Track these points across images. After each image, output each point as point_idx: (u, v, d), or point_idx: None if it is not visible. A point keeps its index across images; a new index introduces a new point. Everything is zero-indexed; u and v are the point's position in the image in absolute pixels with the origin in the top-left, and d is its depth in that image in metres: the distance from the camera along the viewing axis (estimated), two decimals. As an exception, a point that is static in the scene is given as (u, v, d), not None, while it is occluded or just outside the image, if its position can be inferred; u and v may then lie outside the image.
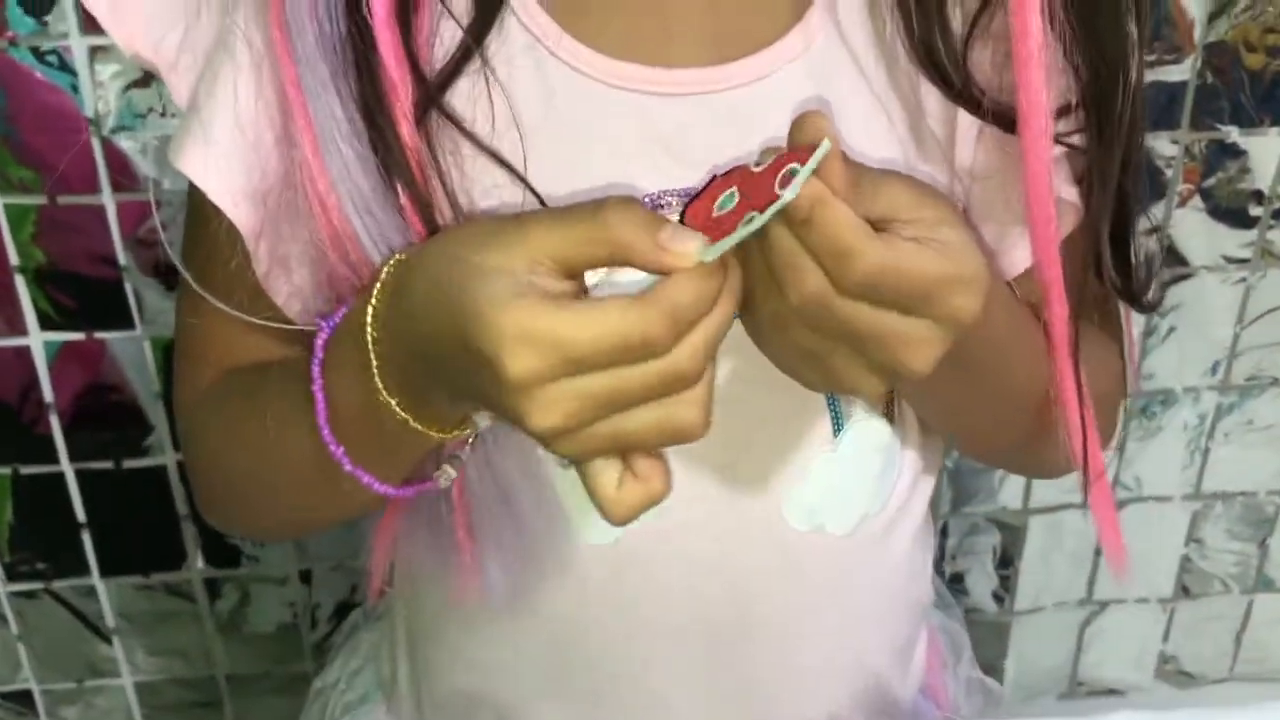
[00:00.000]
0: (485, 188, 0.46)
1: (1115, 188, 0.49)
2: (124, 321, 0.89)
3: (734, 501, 0.52)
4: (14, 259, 0.86)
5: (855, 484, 0.53)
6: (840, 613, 0.57)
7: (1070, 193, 0.49)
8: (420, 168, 0.44)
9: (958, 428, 0.58)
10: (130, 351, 0.90)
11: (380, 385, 0.42)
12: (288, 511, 0.54)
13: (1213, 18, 0.85)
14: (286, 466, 0.49)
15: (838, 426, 0.51)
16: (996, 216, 0.50)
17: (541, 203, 0.45)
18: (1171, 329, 0.98)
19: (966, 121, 0.49)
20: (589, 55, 0.47)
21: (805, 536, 0.53)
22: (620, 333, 0.36)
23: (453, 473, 0.47)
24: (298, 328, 0.49)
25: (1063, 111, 0.47)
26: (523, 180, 0.45)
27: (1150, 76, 0.87)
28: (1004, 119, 0.47)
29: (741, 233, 0.36)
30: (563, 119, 0.47)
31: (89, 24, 0.78)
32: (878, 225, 0.39)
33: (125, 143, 0.82)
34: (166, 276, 0.87)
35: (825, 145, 0.36)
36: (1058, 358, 0.49)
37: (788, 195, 0.36)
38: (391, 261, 0.42)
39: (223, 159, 0.46)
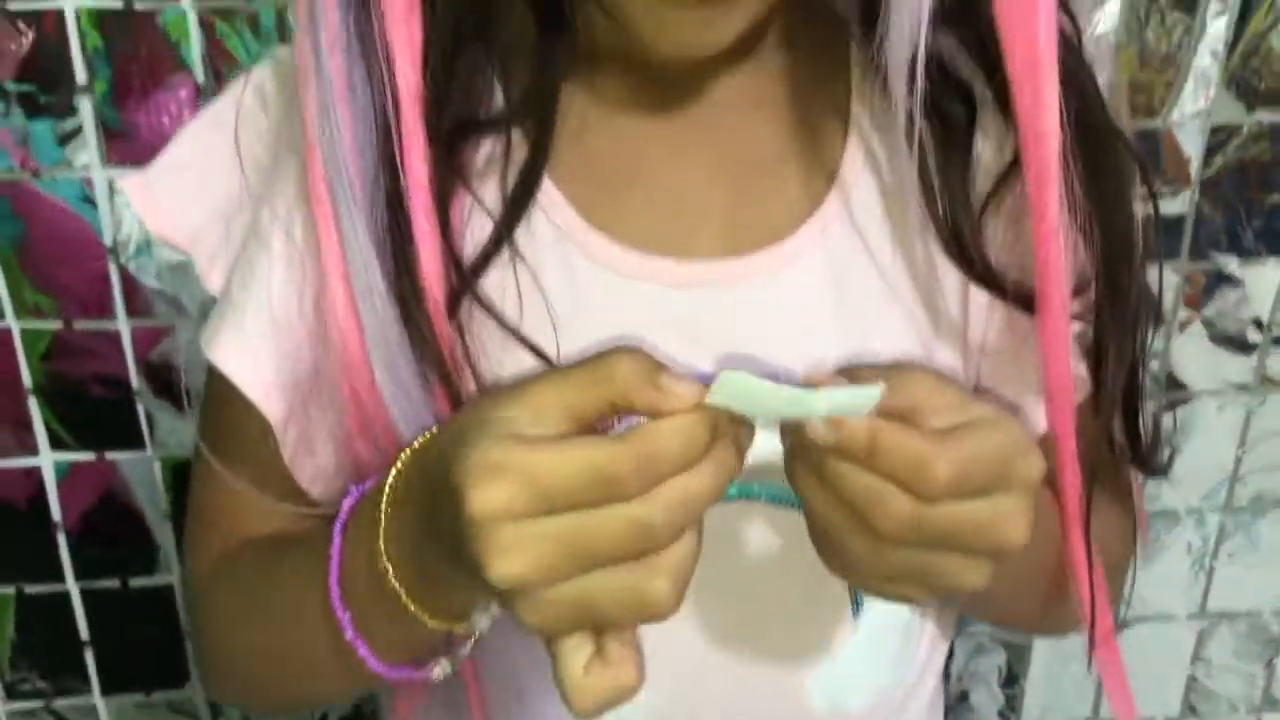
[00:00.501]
0: (514, 374, 0.47)
1: (1128, 361, 0.50)
2: (135, 442, 0.89)
3: (754, 678, 0.52)
4: (27, 381, 0.87)
5: (876, 662, 0.54)
6: None
7: (1080, 368, 0.50)
8: (453, 357, 0.45)
9: (976, 604, 0.58)
10: (140, 471, 0.90)
11: (382, 548, 0.42)
12: (294, 685, 0.53)
13: (1209, 154, 0.87)
14: (296, 638, 0.49)
15: (857, 606, 0.52)
16: (1007, 389, 0.51)
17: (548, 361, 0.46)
18: (1173, 452, 0.98)
19: (979, 300, 0.50)
20: (612, 249, 0.48)
21: (825, 714, 0.53)
22: (588, 464, 0.35)
23: (449, 668, 0.46)
24: (316, 512, 0.49)
25: (1077, 290, 0.48)
26: (551, 366, 0.46)
27: (1148, 208, 0.89)
28: (1021, 298, 0.48)
29: (752, 403, 0.36)
30: (587, 309, 0.48)
31: (110, 156, 0.80)
32: (904, 417, 0.40)
33: (141, 270, 0.84)
34: (178, 398, 0.88)
35: (878, 391, 0.36)
36: (1070, 526, 0.50)
37: (821, 408, 0.36)
38: (419, 439, 0.43)
39: (256, 351, 0.47)
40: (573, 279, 0.48)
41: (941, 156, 0.48)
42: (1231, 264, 0.92)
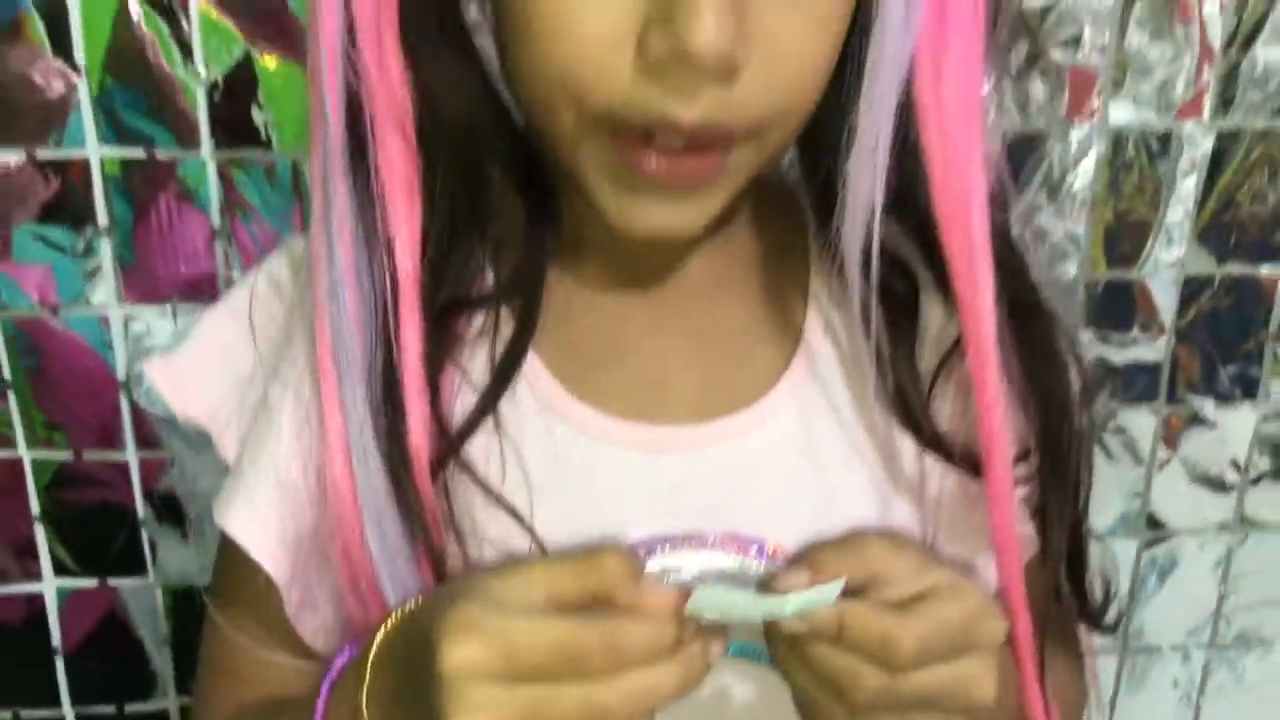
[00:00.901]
0: (494, 536, 0.49)
1: (1070, 521, 0.53)
2: (137, 569, 0.91)
3: None
4: (35, 508, 0.89)
5: None
6: None
7: (1027, 527, 0.53)
8: (435, 516, 0.48)
9: None
10: (141, 598, 0.92)
11: (364, 707, 0.44)
12: None
13: (1183, 304, 0.91)
14: None
15: None
16: (960, 546, 0.54)
17: (544, 551, 0.49)
18: (1156, 589, 1.00)
19: (932, 462, 0.53)
20: (593, 417, 0.51)
21: None
22: (559, 639, 0.39)
23: None
24: (317, 666, 0.51)
25: (1020, 457, 0.52)
26: (529, 530, 0.49)
27: (1129, 355, 0.92)
28: (968, 462, 0.51)
29: (727, 612, 0.40)
30: (567, 474, 0.50)
31: (127, 295, 0.83)
32: (866, 586, 0.44)
33: (150, 403, 0.86)
34: (181, 526, 0.90)
35: (838, 586, 0.41)
36: (1024, 675, 0.52)
37: (790, 610, 0.40)
38: (406, 605, 0.46)
39: (264, 519, 0.50)
40: (553, 445, 0.50)
41: (890, 332, 0.51)
42: (1207, 406, 0.95)
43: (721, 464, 0.51)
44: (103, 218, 0.81)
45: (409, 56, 0.45)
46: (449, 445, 0.48)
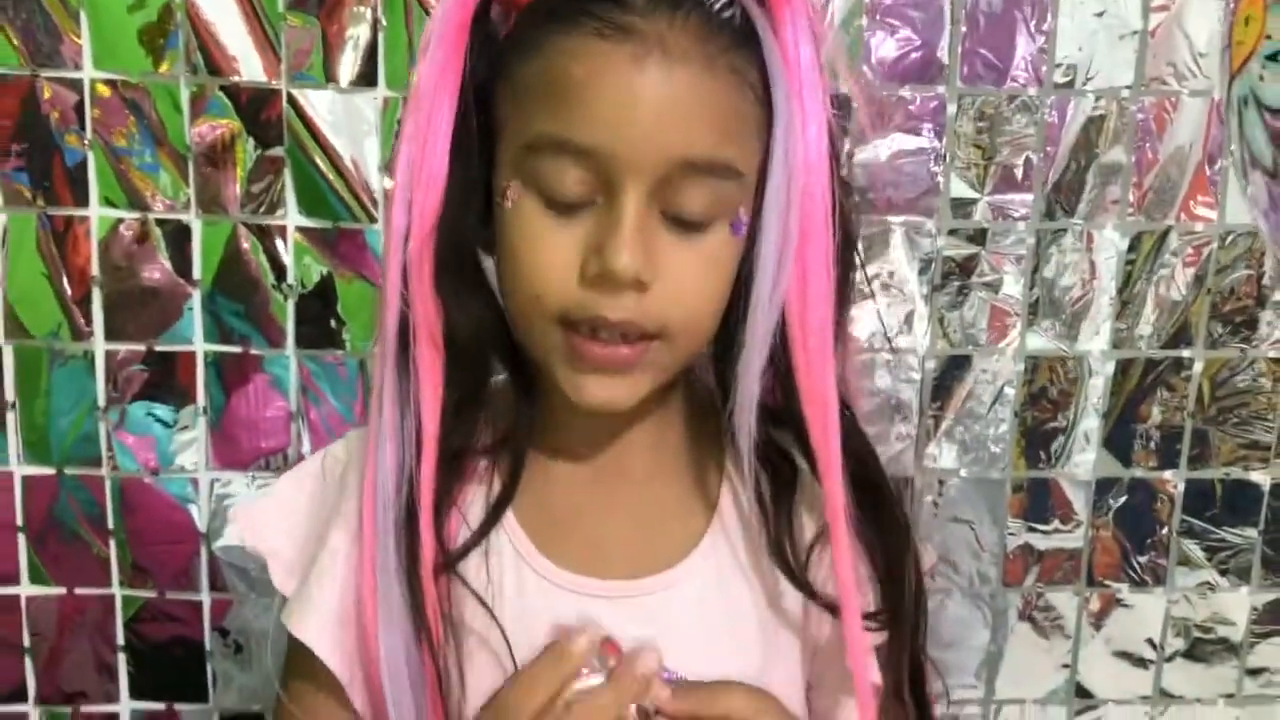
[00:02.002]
0: (478, 629, 0.66)
1: (910, 658, 0.70)
2: (199, 695, 1.07)
3: None
4: (119, 640, 1.05)
5: None
6: None
7: (876, 675, 0.69)
8: (435, 613, 0.65)
9: None
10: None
11: None
12: None
13: (1096, 501, 1.07)
14: None
15: None
16: (832, 687, 0.71)
17: (509, 645, 0.65)
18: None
19: (815, 611, 0.70)
20: (552, 570, 0.67)
21: None
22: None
23: None
24: None
25: (871, 615, 0.69)
26: (499, 626, 0.65)
27: (1052, 543, 1.08)
28: (833, 608, 0.68)
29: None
30: (528, 606, 0.67)
31: (214, 461, 1.01)
32: None
33: (225, 553, 1.04)
34: (240, 657, 1.06)
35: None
36: None
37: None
38: None
39: (327, 629, 0.67)
40: (523, 587, 0.67)
41: (775, 504, 0.68)
42: (1124, 590, 1.10)
43: (649, 611, 0.67)
44: (201, 399, 1.00)
45: (440, 290, 0.64)
46: (449, 560, 0.65)
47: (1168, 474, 1.07)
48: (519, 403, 0.68)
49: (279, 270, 0.98)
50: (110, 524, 1.02)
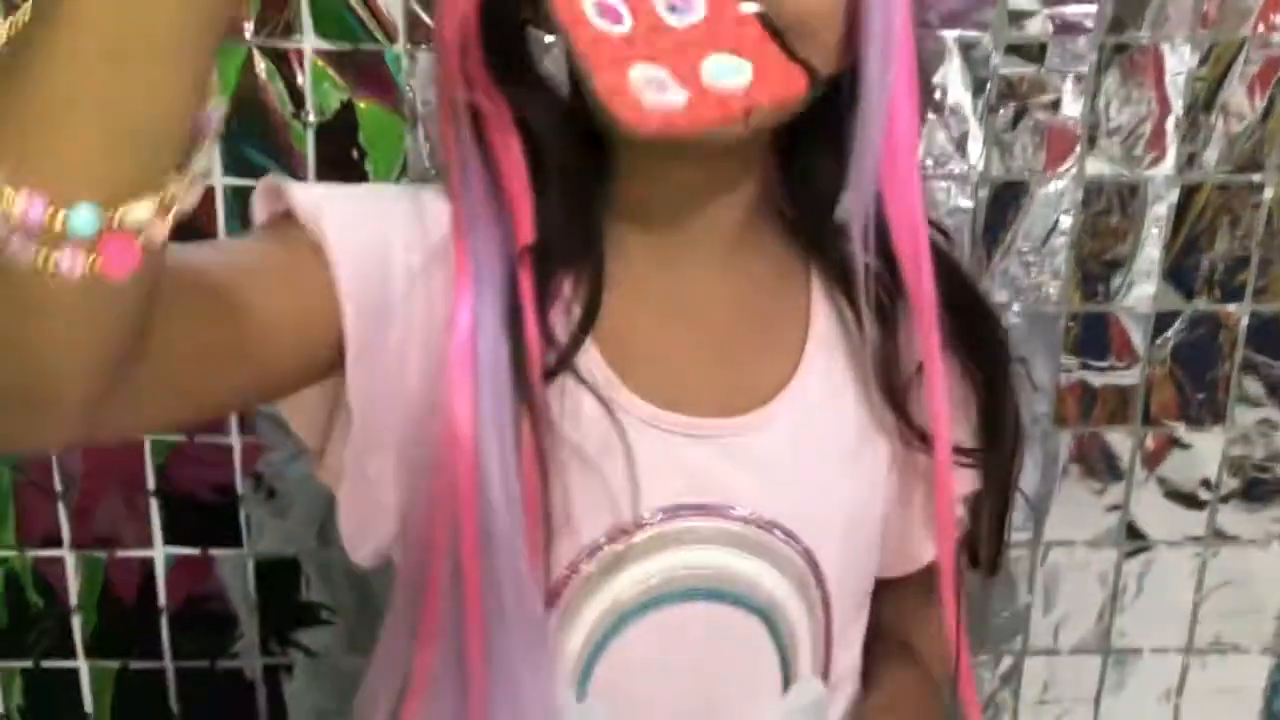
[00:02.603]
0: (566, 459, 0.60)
1: (1002, 492, 0.67)
2: (233, 540, 1.05)
3: None
4: (150, 484, 1.03)
5: None
6: None
7: (960, 509, 0.67)
8: (545, 413, 0.58)
9: None
10: (235, 566, 1.06)
11: None
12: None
13: (1155, 336, 1.03)
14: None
15: (785, 683, 0.66)
16: (904, 515, 0.68)
17: (624, 437, 0.60)
18: (1136, 597, 1.11)
19: (900, 448, 0.67)
20: (636, 402, 0.62)
21: None
22: None
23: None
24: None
25: (965, 450, 0.66)
26: (616, 420, 0.60)
27: (1108, 380, 1.04)
28: (928, 439, 0.65)
29: None
30: (612, 440, 0.60)
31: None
32: None
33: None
34: (273, 503, 1.04)
35: None
36: (948, 619, 0.66)
37: None
38: None
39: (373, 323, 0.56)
40: (592, 419, 0.61)
41: (880, 338, 0.65)
42: (1180, 429, 1.06)
43: (738, 452, 0.63)
44: (222, 234, 0.97)
45: (505, 91, 0.58)
46: (559, 358, 0.59)
47: (1231, 306, 1.02)
48: (592, 208, 0.62)
49: (297, 98, 0.94)
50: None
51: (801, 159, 0.63)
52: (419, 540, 0.60)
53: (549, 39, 0.64)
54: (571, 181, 0.61)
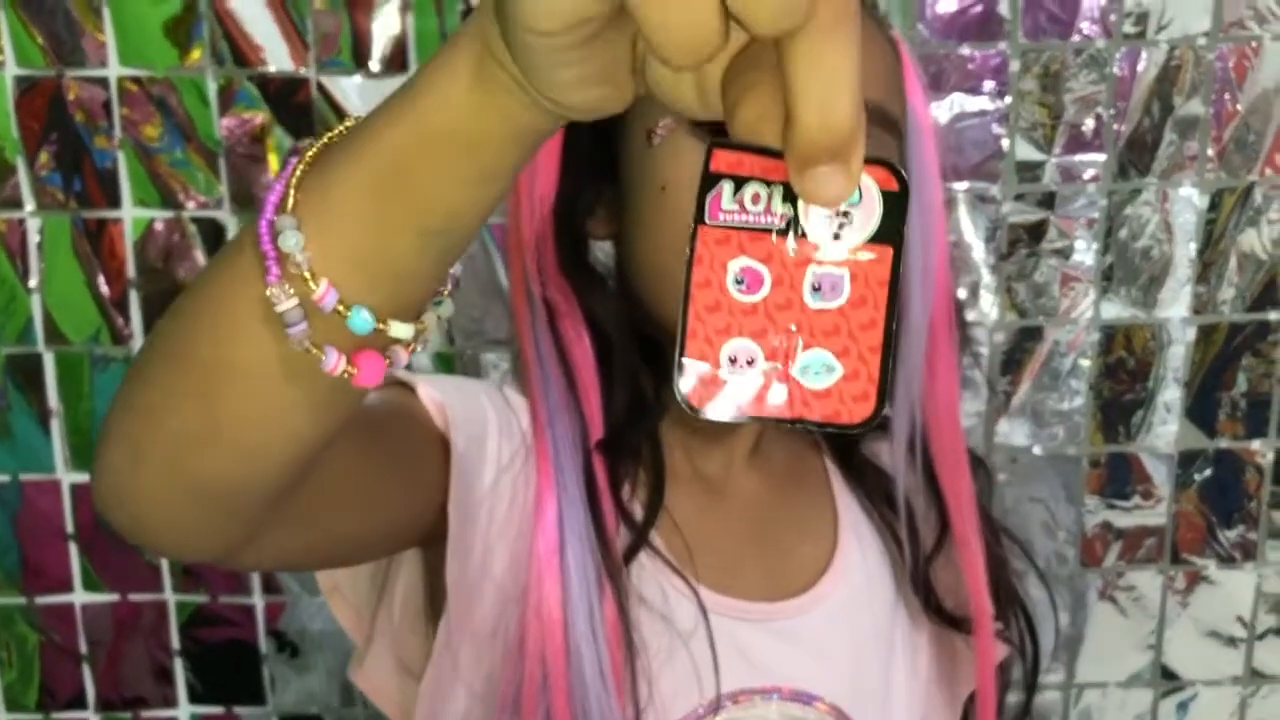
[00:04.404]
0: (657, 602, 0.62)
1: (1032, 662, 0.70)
2: (257, 697, 1.05)
3: None
4: (175, 644, 1.04)
5: None
6: None
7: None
8: (622, 590, 0.60)
9: None
10: (258, 724, 1.06)
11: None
12: (203, 412, 0.40)
13: (1180, 475, 1.02)
14: (212, 333, 0.40)
15: None
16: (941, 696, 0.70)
17: (705, 617, 0.62)
18: (1176, 736, 1.08)
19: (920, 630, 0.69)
20: (691, 588, 0.63)
21: None
22: None
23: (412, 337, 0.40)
24: None
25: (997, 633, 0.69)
26: (694, 590, 0.62)
27: (1133, 520, 1.03)
28: (953, 623, 0.67)
29: None
30: (672, 626, 0.63)
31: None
32: None
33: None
34: (296, 660, 1.04)
35: None
36: None
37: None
38: None
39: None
40: (668, 605, 0.63)
41: (910, 533, 0.67)
42: (1209, 567, 1.04)
43: (789, 633, 0.65)
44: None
45: (566, 272, 0.62)
46: (637, 537, 0.62)
47: (1255, 443, 1.02)
48: (650, 413, 0.65)
49: (317, 265, 0.95)
50: (159, 529, 1.00)
51: None
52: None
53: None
54: (635, 375, 0.63)
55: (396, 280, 0.38)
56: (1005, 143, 0.95)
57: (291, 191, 0.37)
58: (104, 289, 0.95)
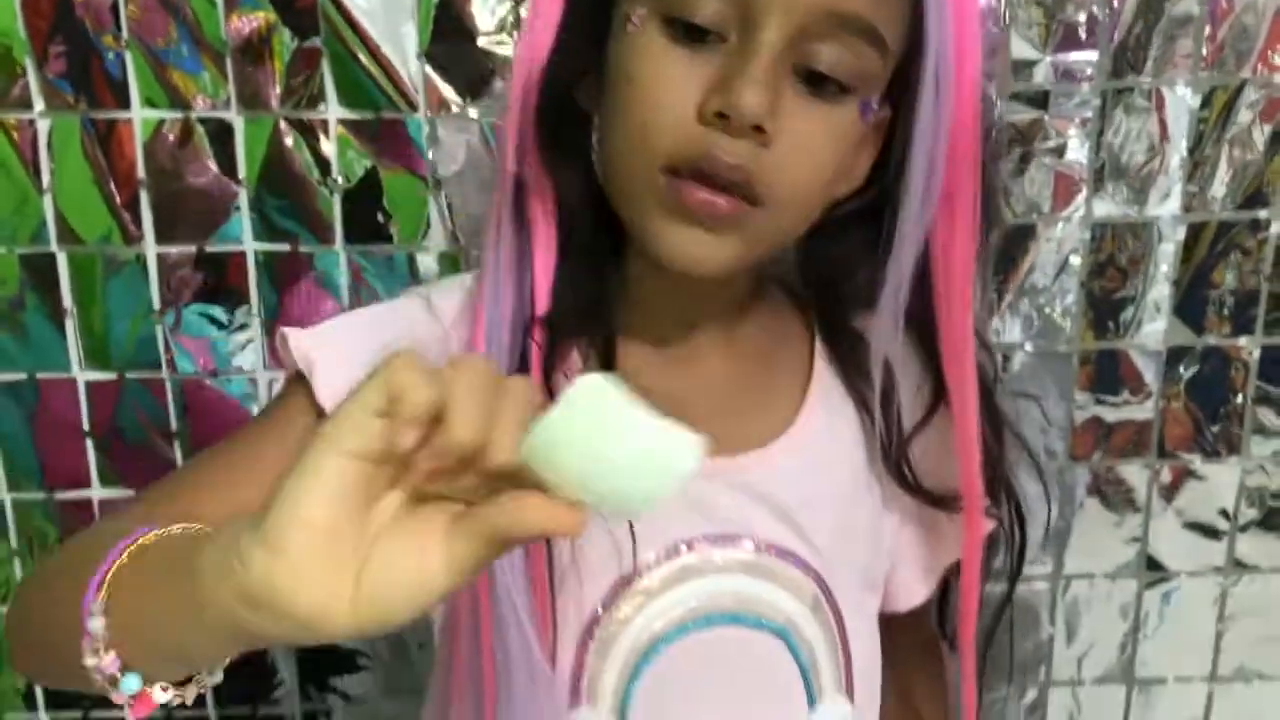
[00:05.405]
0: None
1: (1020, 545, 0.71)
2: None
3: None
4: (190, 539, 1.07)
5: None
6: None
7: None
8: None
9: None
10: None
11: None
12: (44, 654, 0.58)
13: (1167, 371, 1.04)
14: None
15: (811, 701, 0.68)
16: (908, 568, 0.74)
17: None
18: (1159, 625, 1.12)
19: (888, 510, 0.72)
20: None
21: None
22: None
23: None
24: None
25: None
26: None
27: (1122, 415, 1.05)
28: (932, 500, 0.69)
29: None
30: None
31: (270, 362, 1.01)
32: None
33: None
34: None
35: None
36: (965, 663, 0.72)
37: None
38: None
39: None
40: None
41: (884, 407, 0.68)
42: (1195, 462, 1.07)
43: (740, 488, 0.67)
44: (254, 299, 1.00)
45: (543, 145, 0.63)
46: None
47: (1242, 340, 1.04)
48: (608, 282, 0.67)
49: (323, 165, 0.97)
50: (174, 426, 1.03)
51: (824, 245, 0.67)
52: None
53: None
54: (594, 257, 0.64)
55: (176, 663, 0.50)
56: (1001, 42, 0.96)
57: (105, 586, 0.49)
58: (114, 190, 0.97)
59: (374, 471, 0.41)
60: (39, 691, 1.10)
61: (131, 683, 0.49)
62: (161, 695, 0.50)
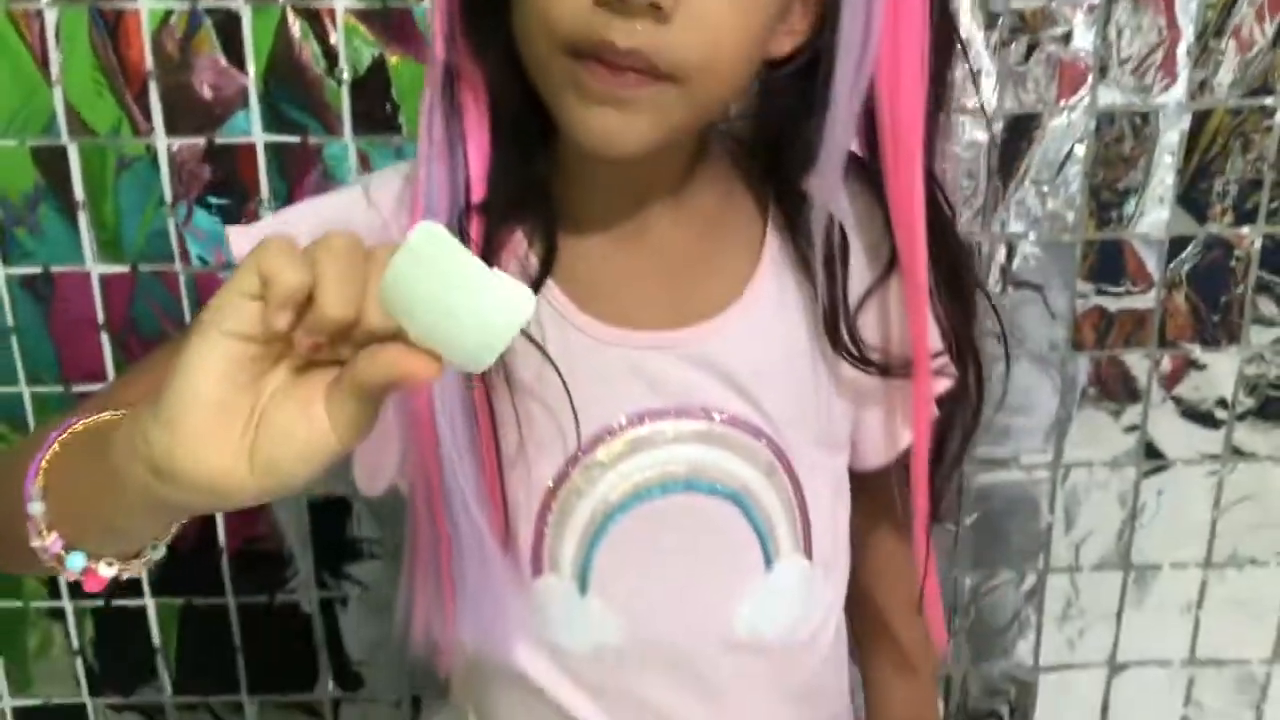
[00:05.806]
0: (527, 380, 0.67)
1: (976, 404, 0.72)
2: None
3: (692, 616, 0.71)
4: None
5: (783, 602, 0.72)
6: (781, 695, 0.75)
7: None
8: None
9: None
10: (290, 506, 1.12)
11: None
12: None
13: (1169, 260, 1.05)
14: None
15: (768, 561, 0.71)
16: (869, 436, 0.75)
17: (567, 389, 0.66)
18: (1156, 513, 1.14)
19: (840, 374, 0.73)
20: (595, 324, 0.67)
21: (748, 641, 0.72)
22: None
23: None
24: None
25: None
26: (552, 363, 0.66)
27: (1124, 305, 1.07)
28: (880, 369, 0.70)
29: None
30: (576, 364, 0.67)
31: (282, 254, 1.02)
32: None
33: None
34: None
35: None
36: (918, 526, 0.73)
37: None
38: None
39: None
40: (568, 347, 0.67)
41: (827, 273, 0.69)
42: (1195, 351, 1.09)
43: (688, 360, 0.68)
44: (264, 191, 1.01)
45: (477, 50, 0.63)
46: (532, 289, 0.64)
47: (1244, 229, 1.05)
48: (543, 165, 0.67)
49: (330, 56, 0.97)
50: (188, 319, 1.05)
51: (770, 105, 0.67)
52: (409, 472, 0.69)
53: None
54: (526, 142, 0.65)
55: (114, 538, 0.53)
56: (1009, -73, 0.95)
57: (41, 472, 0.53)
58: (123, 81, 0.97)
59: (258, 350, 0.43)
60: (61, 580, 1.13)
61: (76, 560, 0.52)
62: (108, 570, 0.53)
